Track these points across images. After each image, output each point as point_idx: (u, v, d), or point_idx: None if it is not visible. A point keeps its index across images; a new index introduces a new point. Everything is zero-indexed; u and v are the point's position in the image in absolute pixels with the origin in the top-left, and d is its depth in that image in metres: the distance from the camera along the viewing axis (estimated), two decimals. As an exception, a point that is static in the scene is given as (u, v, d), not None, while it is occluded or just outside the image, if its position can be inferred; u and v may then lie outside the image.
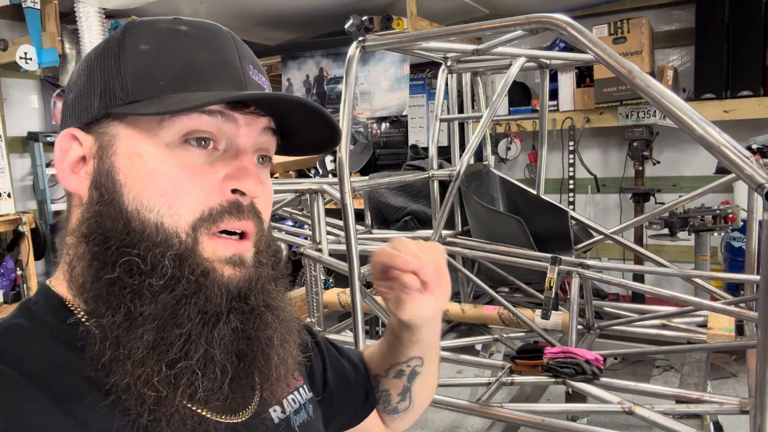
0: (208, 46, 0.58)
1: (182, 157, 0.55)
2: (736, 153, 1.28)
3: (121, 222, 0.54)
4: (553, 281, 1.91)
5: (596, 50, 1.38)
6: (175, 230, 0.54)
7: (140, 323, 0.52)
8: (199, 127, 0.55)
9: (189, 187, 0.54)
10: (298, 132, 0.63)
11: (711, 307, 1.77)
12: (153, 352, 0.52)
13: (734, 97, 3.42)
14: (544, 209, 2.36)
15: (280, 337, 0.60)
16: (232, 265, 0.56)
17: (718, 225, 2.96)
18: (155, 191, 0.54)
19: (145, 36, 0.57)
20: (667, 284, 3.64)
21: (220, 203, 0.55)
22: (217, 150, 0.57)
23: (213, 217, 0.55)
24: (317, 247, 2.04)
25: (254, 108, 0.58)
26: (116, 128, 0.56)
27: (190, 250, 0.54)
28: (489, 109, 2.10)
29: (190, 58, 0.57)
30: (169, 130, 0.54)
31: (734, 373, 3.07)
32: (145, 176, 0.54)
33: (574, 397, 1.92)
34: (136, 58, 0.56)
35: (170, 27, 0.59)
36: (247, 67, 0.59)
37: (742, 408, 1.48)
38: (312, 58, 3.93)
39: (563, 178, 4.03)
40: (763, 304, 1.19)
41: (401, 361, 0.82)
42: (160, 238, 0.53)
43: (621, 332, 2.14)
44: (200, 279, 0.54)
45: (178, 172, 0.54)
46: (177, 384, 0.52)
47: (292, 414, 0.68)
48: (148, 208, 0.54)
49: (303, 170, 4.60)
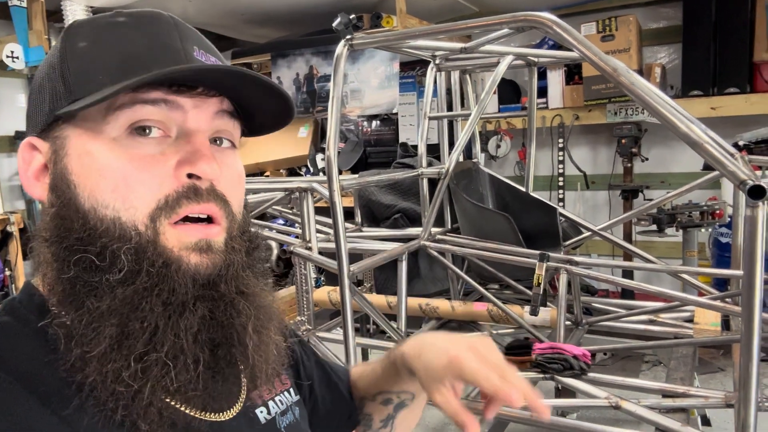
0: (145, 33, 0.57)
1: (131, 148, 0.54)
2: (719, 150, 1.29)
3: (78, 222, 0.54)
4: (541, 278, 1.93)
5: (581, 48, 1.40)
6: (133, 223, 0.53)
7: (101, 319, 0.51)
8: (143, 117, 0.54)
9: (141, 178, 0.53)
10: (257, 110, 0.62)
11: (697, 302, 1.79)
12: (118, 347, 0.51)
13: (721, 94, 3.45)
14: (533, 206, 2.37)
15: (256, 323, 0.58)
16: (198, 251, 0.55)
17: (706, 221, 2.99)
18: (107, 187, 0.53)
19: (84, 33, 0.57)
20: (656, 280, 3.68)
21: (175, 189, 0.54)
22: (168, 137, 0.56)
23: (170, 205, 0.54)
24: (307, 246, 2.04)
25: (202, 89, 0.56)
26: (66, 130, 0.56)
27: (150, 242, 0.53)
28: (477, 107, 2.11)
29: (128, 47, 0.56)
30: (114, 124, 0.54)
31: (722, 368, 3.10)
32: (96, 173, 0.54)
33: (564, 393, 1.94)
34: (75, 57, 0.56)
35: (108, 20, 0.58)
36: (190, 48, 0.58)
37: (727, 402, 1.49)
38: (302, 56, 3.93)
39: (553, 175, 4.05)
40: (746, 299, 1.21)
41: (393, 390, 0.81)
42: (118, 233, 0.53)
43: (609, 328, 2.16)
44: (162, 270, 0.53)
45: (128, 164, 0.53)
46: (147, 377, 0.51)
47: (278, 415, 0.68)
48: (103, 205, 0.53)
49: (294, 168, 4.60)
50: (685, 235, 3.10)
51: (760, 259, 1.19)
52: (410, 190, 2.63)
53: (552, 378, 1.73)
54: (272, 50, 4.11)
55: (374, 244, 2.18)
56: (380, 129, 4.31)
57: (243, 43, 4.56)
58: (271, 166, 4.58)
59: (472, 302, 2.25)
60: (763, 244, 1.18)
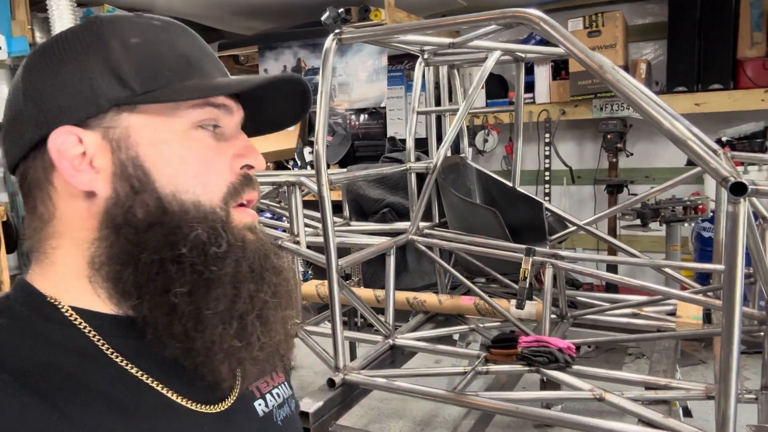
0: (187, 38, 0.63)
1: (201, 140, 0.60)
2: (702, 147, 1.31)
3: (159, 208, 0.57)
4: (527, 272, 1.95)
5: (568, 45, 1.41)
6: (211, 206, 0.59)
7: (218, 285, 0.57)
8: (210, 117, 0.60)
9: (213, 167, 0.60)
10: (271, 108, 0.69)
11: (679, 296, 1.82)
12: (230, 309, 0.58)
13: (705, 91, 3.50)
14: (519, 201, 2.39)
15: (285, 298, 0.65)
16: (251, 230, 0.62)
17: (689, 216, 3.04)
18: (188, 173, 0.58)
19: (129, 30, 0.59)
20: (640, 274, 3.73)
21: (237, 178, 0.62)
22: (221, 133, 0.62)
23: (237, 191, 0.61)
24: (295, 240, 2.04)
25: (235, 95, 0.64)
26: (127, 120, 0.58)
27: (226, 222, 0.60)
28: (465, 102, 2.12)
29: (183, 49, 0.61)
30: (185, 118, 0.59)
31: (703, 360, 3.16)
32: (177, 160, 0.58)
33: (549, 385, 1.97)
34: (131, 51, 0.58)
35: (146, 22, 0.61)
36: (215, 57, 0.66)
37: (707, 393, 1.53)
38: (289, 48, 3.91)
39: (539, 169, 4.08)
40: (727, 293, 1.23)
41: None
42: (201, 214, 0.58)
43: (593, 321, 2.19)
44: (241, 245, 0.60)
45: (204, 153, 0.60)
46: (246, 334, 0.58)
47: (275, 408, 0.69)
48: (183, 190, 0.58)
49: (281, 161, 4.58)
50: (668, 229, 3.15)
51: (741, 254, 1.21)
52: (398, 184, 2.64)
53: (537, 370, 1.75)
54: (259, 42, 4.08)
55: (362, 238, 2.19)
56: (368, 123, 4.31)
57: (230, 34, 4.52)
58: (258, 159, 4.56)
59: (459, 296, 2.27)
60: (744, 239, 1.20)
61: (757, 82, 3.36)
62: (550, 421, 1.57)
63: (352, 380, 1.72)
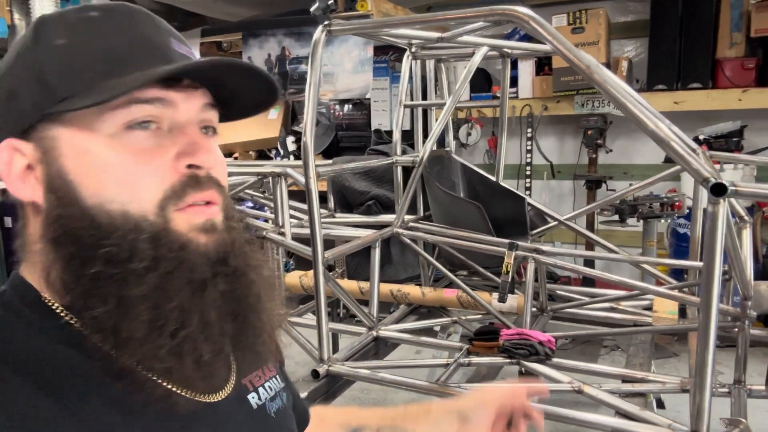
0: (123, 27, 0.58)
1: (130, 143, 0.55)
2: (684, 147, 1.35)
3: (87, 220, 0.54)
4: (510, 266, 1.98)
5: (556, 44, 1.43)
6: (143, 214, 0.55)
7: (135, 305, 0.54)
8: (140, 115, 0.55)
9: (143, 171, 0.55)
10: (237, 96, 0.64)
11: (656, 292, 1.86)
12: (154, 329, 0.54)
13: (684, 89, 3.55)
14: (502, 195, 2.42)
15: (266, 293, 0.63)
16: (205, 232, 0.58)
17: (665, 212, 3.10)
18: (111, 182, 0.55)
19: (58, 30, 0.56)
20: (616, 268, 3.80)
21: (179, 179, 0.56)
22: (161, 130, 0.57)
23: (177, 194, 0.56)
24: (280, 231, 2.04)
25: (189, 82, 0.58)
26: (54, 130, 0.56)
27: (162, 229, 0.55)
28: (452, 97, 2.13)
29: (109, 43, 0.56)
30: (111, 121, 0.55)
31: (676, 353, 3.24)
32: (98, 170, 0.55)
33: (527, 377, 2.01)
34: (55, 55, 0.55)
35: (81, 16, 0.58)
36: (169, 40, 0.59)
37: (682, 387, 1.58)
38: (274, 36, 3.87)
39: (520, 164, 4.12)
40: (705, 290, 1.27)
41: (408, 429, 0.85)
42: (129, 225, 0.54)
43: (572, 315, 2.23)
44: (180, 253, 0.56)
45: (129, 158, 0.55)
46: (182, 352, 0.55)
47: (268, 401, 0.70)
48: (108, 200, 0.54)
49: (263, 150, 4.55)
50: (645, 225, 3.21)
51: (719, 253, 1.25)
52: (383, 177, 2.65)
53: (518, 363, 1.78)
54: (243, 29, 4.03)
55: (347, 230, 2.20)
56: (352, 113, 4.30)
57: (213, 20, 4.45)
58: (240, 148, 4.52)
59: (442, 288, 2.29)
60: (722, 238, 1.24)
61: (735, 81, 3.43)
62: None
63: (336, 371, 1.74)
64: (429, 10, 4.25)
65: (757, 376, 1.88)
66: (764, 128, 3.60)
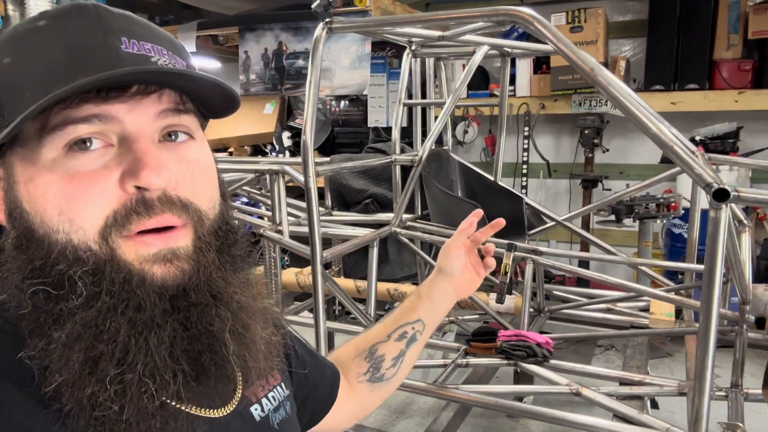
0: (64, 35, 0.52)
1: (70, 168, 0.50)
2: (686, 151, 1.34)
3: (33, 251, 0.51)
4: (508, 267, 1.97)
5: (560, 45, 1.42)
6: (85, 243, 0.50)
7: (66, 347, 0.49)
8: (76, 134, 0.50)
9: (83, 198, 0.50)
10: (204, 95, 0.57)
11: (654, 294, 1.87)
12: (90, 372, 0.49)
13: (681, 90, 3.56)
14: (500, 195, 2.41)
15: (236, 325, 0.56)
16: (162, 262, 0.52)
17: (661, 213, 3.10)
18: (53, 211, 0.51)
19: (7, 47, 0.53)
20: (611, 267, 3.81)
21: (123, 204, 0.51)
22: (110, 146, 0.52)
23: (120, 221, 0.51)
24: (277, 229, 2.03)
25: (137, 88, 0.52)
26: (11, 157, 0.53)
27: (106, 260, 0.51)
28: (452, 96, 2.12)
29: (48, 56, 0.51)
30: (50, 146, 0.50)
31: (670, 353, 3.25)
32: (41, 199, 0.51)
33: (522, 378, 2.01)
34: (3, 77, 0.52)
35: (29, 27, 0.53)
36: (117, 42, 0.52)
37: (680, 390, 1.58)
38: (271, 30, 3.84)
39: (517, 162, 4.12)
40: (706, 294, 1.27)
41: (410, 321, 0.93)
42: (72, 256, 0.50)
43: (569, 315, 2.24)
44: (124, 286, 0.50)
45: (67, 186, 0.50)
46: (125, 398, 0.49)
47: (271, 412, 0.68)
48: (54, 230, 0.51)
49: (258, 145, 4.53)
50: (641, 225, 3.22)
51: (721, 258, 1.25)
52: (381, 175, 2.64)
53: (516, 364, 1.78)
54: (240, 23, 4.00)
55: (345, 229, 2.19)
56: (349, 109, 4.28)
57: (209, 14, 4.41)
58: (235, 143, 4.50)
59: (439, 288, 2.28)
60: (724, 243, 1.23)
61: (732, 83, 3.44)
62: (530, 416, 1.60)
63: (333, 371, 1.73)
64: (427, 7, 4.23)
65: (751, 377, 1.89)
66: (760, 130, 3.61)
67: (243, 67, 3.88)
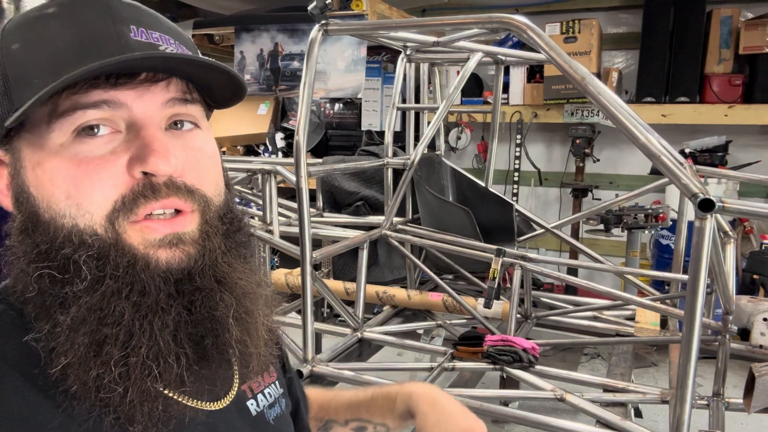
0: (74, 22, 0.53)
1: (78, 153, 0.52)
2: (674, 162, 1.36)
3: (40, 235, 0.53)
4: (496, 272, 1.99)
5: (552, 54, 1.44)
6: (91, 228, 0.52)
7: (71, 330, 0.50)
8: (86, 120, 0.51)
9: (91, 182, 0.51)
10: (210, 84, 0.58)
11: (640, 303, 1.88)
12: (95, 355, 0.50)
13: (672, 102, 3.60)
14: (490, 201, 2.43)
15: (239, 311, 0.57)
16: (167, 246, 0.53)
17: (650, 223, 3.14)
18: (60, 196, 0.52)
19: (16, 33, 0.54)
20: (598, 276, 3.84)
21: (131, 188, 0.52)
22: (118, 132, 0.53)
23: (128, 205, 0.52)
24: (268, 229, 2.03)
25: (145, 75, 0.53)
26: (18, 142, 0.54)
27: (111, 244, 0.52)
28: (445, 102, 2.14)
29: (57, 43, 0.52)
30: (59, 131, 0.51)
31: (655, 363, 3.28)
32: (48, 183, 0.52)
33: (508, 383, 2.02)
34: (11, 62, 0.52)
35: (38, 14, 0.54)
36: (126, 30, 0.53)
37: (662, 398, 1.59)
38: (267, 32, 3.84)
39: (509, 170, 4.14)
40: (689, 303, 1.28)
41: (373, 421, 0.83)
42: (78, 240, 0.52)
43: (556, 322, 2.25)
44: (128, 270, 0.51)
45: (76, 170, 0.51)
46: (129, 380, 0.50)
47: (266, 408, 0.69)
48: (60, 215, 0.52)
49: (251, 146, 4.52)
50: (629, 235, 3.25)
51: (705, 268, 1.27)
52: (373, 178, 2.65)
53: (502, 369, 1.79)
54: (236, 23, 4.00)
55: (336, 230, 2.19)
56: (343, 112, 4.29)
57: (206, 13, 4.42)
58: (228, 142, 4.49)
59: (428, 292, 2.29)
60: (708, 253, 1.25)
61: (722, 97, 3.49)
62: (515, 420, 1.61)
63: (320, 372, 1.73)
64: (424, 13, 4.25)
65: (732, 388, 1.91)
66: (748, 144, 3.66)
67: (238, 67, 3.89)
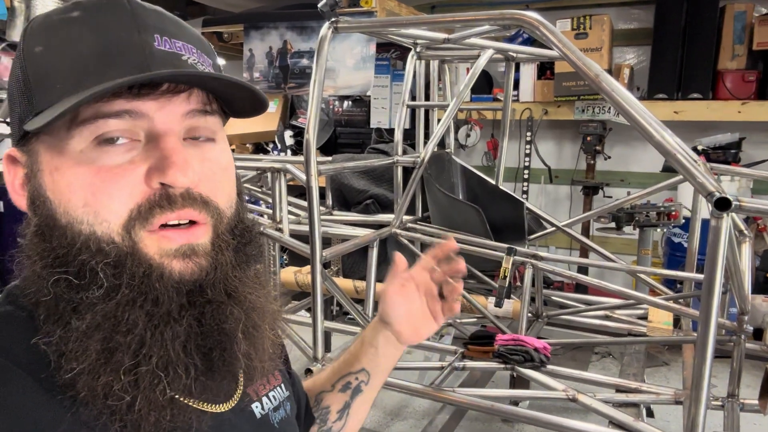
0: (98, 29, 0.52)
1: (98, 161, 0.52)
2: (689, 160, 1.34)
3: (56, 239, 0.52)
4: (507, 271, 1.98)
5: (565, 51, 1.42)
6: (108, 236, 0.52)
7: (85, 336, 0.50)
8: (107, 130, 0.51)
9: (109, 191, 0.52)
10: (231, 97, 0.58)
11: (653, 302, 1.86)
12: (105, 362, 0.50)
13: (684, 99, 3.56)
14: (501, 199, 2.41)
15: (247, 325, 0.57)
16: (181, 257, 0.53)
17: (662, 221, 3.10)
18: (78, 202, 0.52)
19: (39, 35, 0.53)
20: (609, 274, 3.81)
21: (147, 198, 0.52)
22: (137, 142, 0.53)
23: (143, 214, 0.52)
24: (278, 227, 2.03)
25: (168, 86, 0.53)
26: (36, 144, 0.54)
27: (128, 253, 0.52)
28: (456, 99, 2.12)
29: (80, 50, 0.52)
30: (79, 138, 0.51)
31: (666, 362, 3.25)
32: (66, 189, 0.52)
33: (518, 382, 2.00)
34: (33, 65, 0.52)
35: (62, 17, 0.54)
36: (151, 39, 0.53)
37: (676, 399, 1.58)
38: (276, 29, 3.84)
39: (519, 167, 4.12)
40: (705, 304, 1.26)
41: (352, 371, 0.85)
42: (95, 247, 0.52)
43: (567, 321, 2.23)
44: (143, 280, 0.52)
45: (95, 178, 0.51)
46: (138, 389, 0.50)
47: (271, 411, 0.69)
48: (78, 221, 0.52)
49: (261, 143, 4.53)
50: (641, 233, 3.22)
51: (721, 267, 1.25)
52: (383, 176, 2.64)
53: (513, 369, 1.78)
54: (246, 21, 4.00)
55: (345, 228, 2.19)
56: (351, 110, 4.28)
57: (214, 11, 4.42)
58: (238, 140, 4.50)
59: (438, 290, 2.28)
60: (724, 252, 1.23)
61: (736, 93, 3.44)
62: (526, 420, 1.59)
63: (330, 371, 1.73)
64: (433, 9, 4.23)
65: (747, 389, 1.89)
66: (762, 141, 3.62)
67: (247, 65, 3.89)
